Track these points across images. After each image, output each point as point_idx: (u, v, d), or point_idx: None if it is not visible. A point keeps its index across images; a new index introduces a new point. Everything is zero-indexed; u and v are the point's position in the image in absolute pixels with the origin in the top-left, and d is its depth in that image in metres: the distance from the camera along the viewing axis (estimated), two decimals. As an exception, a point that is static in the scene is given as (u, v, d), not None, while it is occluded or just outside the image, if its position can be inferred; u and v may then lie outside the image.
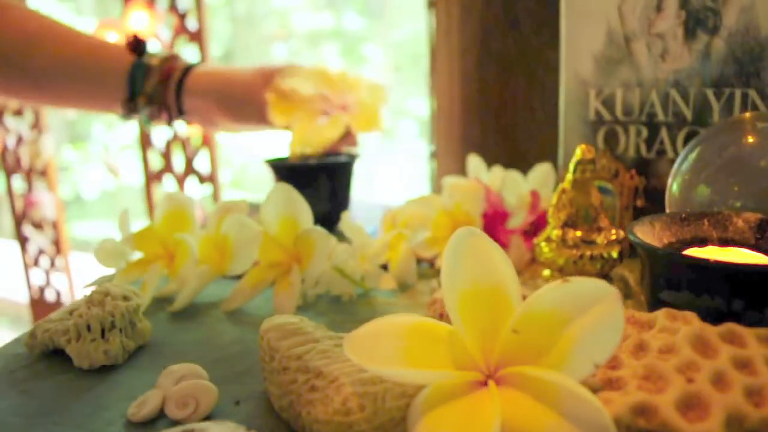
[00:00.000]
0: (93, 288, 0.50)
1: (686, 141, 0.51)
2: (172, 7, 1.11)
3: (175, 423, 0.30)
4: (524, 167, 0.63)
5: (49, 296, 1.57)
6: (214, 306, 0.46)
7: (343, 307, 0.44)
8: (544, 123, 0.72)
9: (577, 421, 0.24)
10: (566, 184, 0.45)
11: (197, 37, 1.12)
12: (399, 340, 0.27)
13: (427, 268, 0.51)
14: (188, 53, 1.17)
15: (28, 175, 1.48)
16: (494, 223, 0.52)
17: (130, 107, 0.63)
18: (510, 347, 0.26)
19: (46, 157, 1.43)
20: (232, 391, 0.33)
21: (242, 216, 0.44)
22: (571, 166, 0.45)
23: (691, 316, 0.28)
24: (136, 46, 0.62)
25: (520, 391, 0.25)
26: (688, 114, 0.50)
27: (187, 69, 0.63)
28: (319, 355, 0.28)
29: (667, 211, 0.45)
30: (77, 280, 1.55)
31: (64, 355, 0.38)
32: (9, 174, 1.52)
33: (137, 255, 0.48)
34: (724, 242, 0.36)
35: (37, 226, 1.52)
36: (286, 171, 0.59)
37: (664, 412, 0.24)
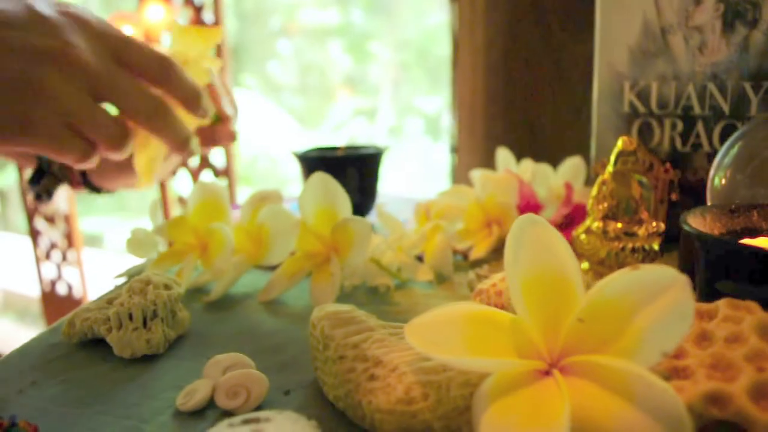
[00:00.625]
0: (123, 279, 0.49)
1: (723, 135, 0.50)
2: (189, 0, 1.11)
3: (226, 413, 0.30)
4: (549, 162, 0.62)
5: (61, 290, 1.57)
6: (249, 296, 0.45)
7: (382, 298, 0.43)
8: (570, 117, 0.72)
9: (650, 410, 0.23)
10: (606, 175, 0.44)
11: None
12: (461, 328, 0.26)
13: (461, 260, 0.51)
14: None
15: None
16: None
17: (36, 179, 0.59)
18: (574, 336, 0.26)
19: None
20: (279, 381, 0.33)
21: (279, 206, 0.43)
22: (612, 158, 0.44)
23: (754, 305, 0.28)
24: None
25: (586, 380, 0.25)
26: (726, 107, 0.50)
27: None
28: (376, 343, 0.28)
29: (709, 204, 0.45)
30: (89, 273, 1.55)
31: (103, 345, 0.38)
32: (21, 168, 1.52)
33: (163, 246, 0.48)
34: (774, 234, 0.36)
35: (49, 220, 1.52)
36: (314, 163, 0.59)
37: (738, 400, 0.23)
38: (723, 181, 0.43)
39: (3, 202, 2.73)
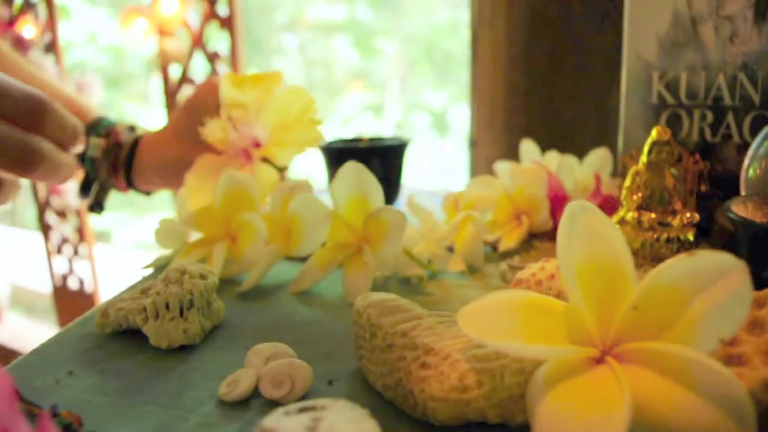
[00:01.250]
0: (149, 270, 0.49)
1: (753, 125, 0.50)
2: (203, -8, 1.10)
3: (271, 402, 0.30)
4: (570, 154, 0.61)
5: (72, 284, 1.57)
6: (279, 287, 0.45)
7: (414, 289, 0.43)
8: (592, 110, 0.71)
9: (711, 396, 0.23)
10: (641, 166, 0.44)
11: (228, 23, 1.11)
12: (514, 314, 0.26)
13: (490, 251, 0.51)
14: (218, 40, 1.17)
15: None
16: (556, 206, 0.51)
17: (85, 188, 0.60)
18: (628, 324, 0.26)
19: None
20: (320, 370, 0.32)
21: (311, 195, 0.43)
22: (646, 148, 0.44)
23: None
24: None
25: (642, 367, 0.25)
26: (756, 98, 0.49)
27: (132, 150, 0.58)
28: (425, 331, 0.28)
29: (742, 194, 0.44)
30: (100, 268, 1.55)
31: (137, 335, 0.37)
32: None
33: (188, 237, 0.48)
34: (816, 224, 0.36)
35: (60, 214, 1.52)
36: (338, 154, 0.59)
37: (801, 389, 0.23)
38: (758, 172, 0.43)
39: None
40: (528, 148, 0.61)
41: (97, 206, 0.60)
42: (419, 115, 3.33)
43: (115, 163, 0.58)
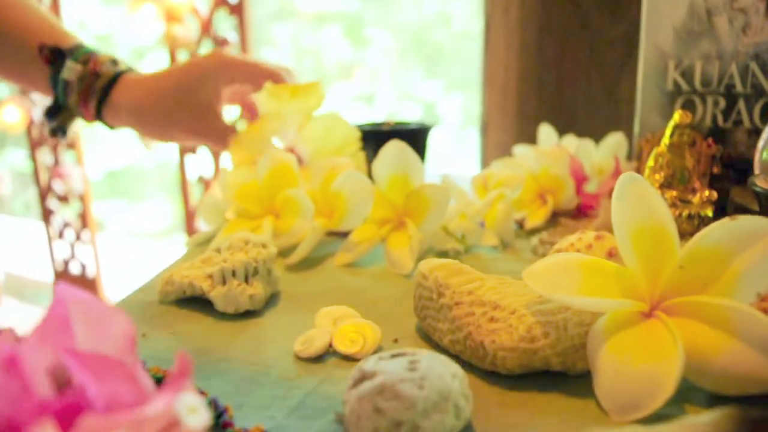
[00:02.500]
0: (187, 247, 0.52)
1: (763, 111, 0.53)
2: (211, -22, 1.11)
3: (345, 358, 0.32)
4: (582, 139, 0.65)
5: (74, 269, 1.58)
6: (322, 260, 0.48)
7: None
8: (602, 96, 0.74)
9: (753, 341, 0.26)
10: (663, 147, 0.47)
11: (237, 9, 1.13)
12: (574, 273, 0.29)
13: (517, 229, 0.53)
14: (227, 27, 1.18)
15: (55, 148, 1.48)
16: (578, 186, 0.55)
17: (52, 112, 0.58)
18: (675, 282, 0.29)
19: (76, 129, 1.43)
20: (382, 331, 0.35)
21: (355, 172, 0.46)
22: (668, 131, 0.47)
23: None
24: (51, 58, 0.56)
25: (688, 319, 0.28)
26: (767, 85, 0.53)
27: (111, 82, 0.57)
28: (490, 290, 0.31)
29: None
30: (103, 253, 1.56)
31: (199, 302, 0.40)
32: (34, 147, 1.52)
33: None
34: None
35: (63, 199, 1.52)
36: (364, 137, 0.61)
37: (831, 334, 0.26)
38: (771, 154, 0.46)
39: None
40: (546, 132, 0.64)
41: (60, 131, 0.59)
42: (410, 106, 3.35)
43: (88, 91, 0.56)
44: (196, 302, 0.40)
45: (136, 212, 2.71)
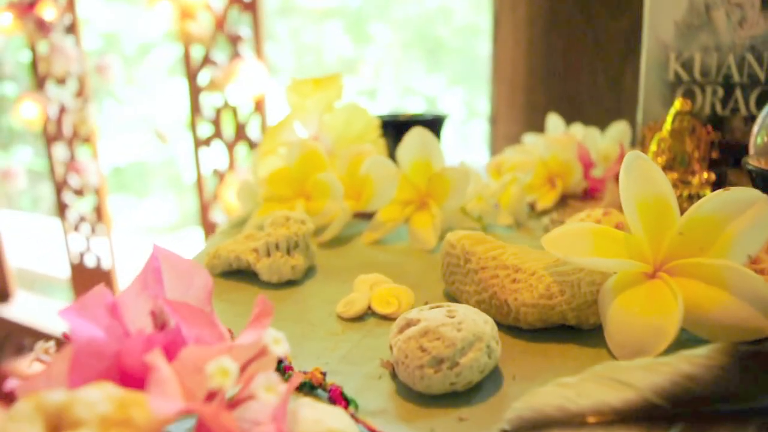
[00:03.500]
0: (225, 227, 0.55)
1: (759, 100, 0.57)
2: (226, -24, 1.15)
3: (382, 318, 0.36)
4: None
5: (89, 262, 1.62)
6: (348, 238, 0.52)
7: (472, 239, 0.50)
8: (606, 88, 0.78)
9: (744, 296, 0.30)
10: (665, 133, 0.51)
11: (251, 6, 1.17)
12: (587, 239, 0.33)
13: (529, 211, 0.57)
14: (241, 24, 1.22)
15: (71, 143, 1.52)
16: (585, 171, 0.58)
17: None
18: (675, 246, 0.33)
19: (91, 124, 1.47)
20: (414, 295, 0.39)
21: (382, 157, 0.49)
22: (670, 118, 0.51)
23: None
24: None
25: (688, 278, 0.32)
26: (762, 75, 0.57)
27: None
28: (512, 256, 0.34)
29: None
30: (117, 245, 1.60)
31: (243, 275, 0.44)
32: (49, 142, 1.56)
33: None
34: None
35: (78, 193, 1.56)
36: (387, 126, 0.65)
37: (811, 289, 0.30)
38: (765, 139, 0.50)
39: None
40: (554, 121, 0.68)
41: None
42: (413, 100, 3.38)
43: None
44: (240, 275, 0.44)
45: (143, 208, 2.75)
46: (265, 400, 0.21)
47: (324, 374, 0.28)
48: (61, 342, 0.28)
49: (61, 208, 1.62)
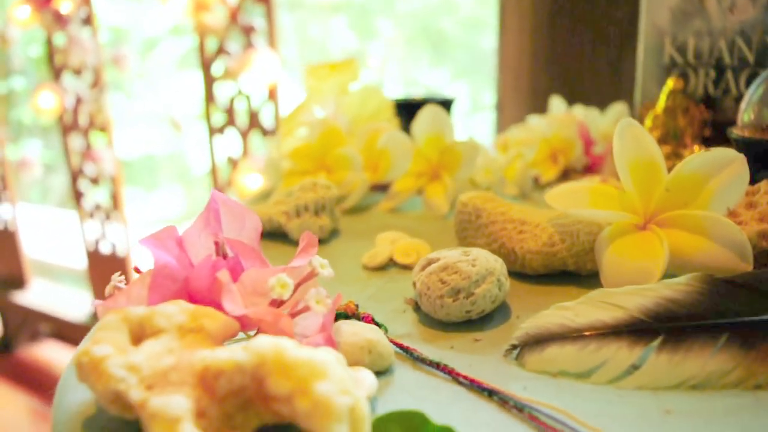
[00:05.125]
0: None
1: (748, 81, 0.61)
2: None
3: (402, 267, 0.41)
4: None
5: (105, 249, 1.67)
6: (366, 207, 0.56)
7: (481, 206, 0.54)
8: (607, 73, 0.83)
9: (723, 242, 0.34)
10: (659, 110, 0.55)
11: (265, -1, 1.21)
12: (585, 195, 0.37)
13: (532, 185, 0.62)
14: (255, 16, 1.26)
15: (86, 132, 1.56)
16: (587, 148, 0.63)
17: None
18: (662, 201, 0.37)
19: (107, 114, 1.52)
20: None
21: (398, 132, 0.54)
22: (663, 96, 0.55)
23: (786, 184, 0.39)
24: None
25: (674, 229, 0.36)
26: (751, 58, 0.61)
27: None
28: (518, 212, 0.39)
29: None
30: (133, 232, 1.65)
31: (273, 236, 0.48)
32: (65, 132, 1.61)
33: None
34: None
35: (94, 181, 1.61)
36: (401, 107, 0.69)
37: (781, 236, 0.35)
38: (752, 116, 0.54)
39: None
40: (556, 103, 0.72)
41: None
42: (417, 92, 3.41)
43: None
44: (270, 236, 0.49)
45: (152, 200, 2.80)
46: (317, 310, 0.26)
47: (357, 306, 0.33)
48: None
49: (77, 197, 1.67)
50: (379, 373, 0.27)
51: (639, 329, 0.28)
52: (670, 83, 0.54)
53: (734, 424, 0.24)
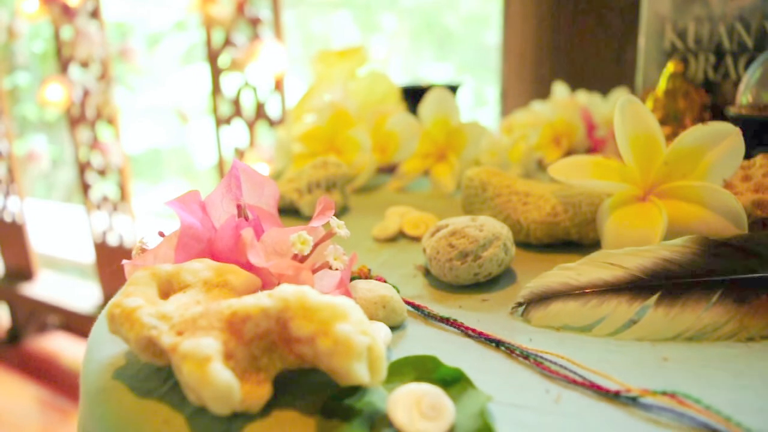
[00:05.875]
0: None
1: (747, 65, 0.63)
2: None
3: (411, 239, 0.42)
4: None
5: (112, 240, 1.69)
6: (375, 187, 0.58)
7: (486, 186, 0.56)
8: (610, 60, 0.84)
9: (719, 210, 0.36)
10: (659, 93, 0.56)
11: (272, -9, 1.23)
12: (587, 168, 0.39)
13: (536, 167, 0.63)
14: (261, 8, 1.27)
15: (93, 124, 1.58)
16: (589, 131, 0.64)
17: None
18: (661, 173, 0.38)
19: (114, 106, 1.53)
20: (435, 227, 0.45)
21: (405, 115, 0.55)
22: (663, 79, 0.56)
23: (781, 158, 0.41)
24: None
25: (673, 199, 0.38)
26: (750, 43, 0.62)
27: None
28: (522, 185, 0.40)
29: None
30: (140, 223, 1.66)
31: (285, 213, 0.50)
32: (73, 124, 1.63)
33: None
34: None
35: (101, 173, 1.63)
36: (409, 92, 0.71)
37: (775, 204, 0.36)
38: (750, 98, 0.56)
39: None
40: (560, 88, 0.73)
41: None
42: (422, 88, 3.42)
43: None
44: (283, 213, 0.50)
45: (157, 194, 2.83)
46: (335, 265, 0.28)
47: (369, 270, 0.34)
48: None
49: (84, 189, 1.69)
50: (392, 328, 0.29)
51: (638, 286, 0.30)
52: (671, 66, 0.56)
53: (727, 370, 0.26)
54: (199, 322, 0.25)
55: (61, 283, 2.00)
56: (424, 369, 0.25)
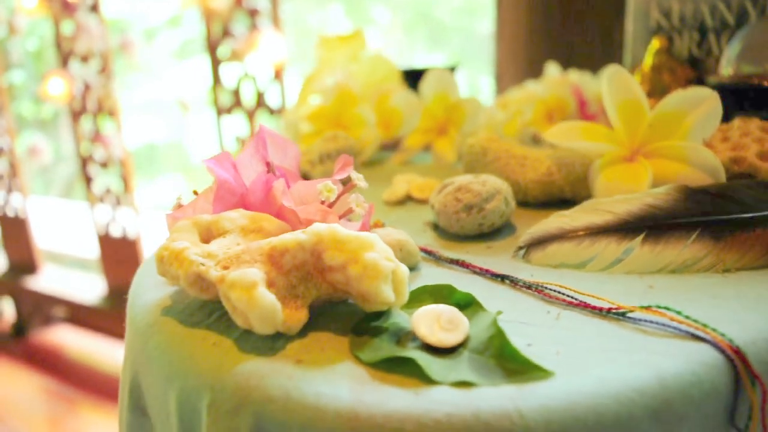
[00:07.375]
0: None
1: (729, 41, 0.66)
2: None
3: (419, 202, 0.46)
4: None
5: (115, 232, 1.72)
6: (380, 160, 0.61)
7: (485, 158, 0.59)
8: (599, 41, 0.88)
9: (699, 166, 0.39)
10: (646, 68, 0.60)
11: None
12: (578, 132, 0.42)
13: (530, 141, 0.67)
14: (260, -2, 1.30)
15: (95, 118, 1.61)
16: (581, 108, 0.68)
17: None
18: (646, 135, 0.42)
19: (115, 99, 1.56)
20: (439, 192, 0.48)
21: (407, 92, 0.59)
22: (649, 55, 0.60)
23: (755, 118, 0.44)
24: None
25: (658, 158, 0.41)
26: (731, 20, 0.66)
27: None
28: (520, 149, 0.44)
29: (719, 87, 0.60)
30: (144, 215, 1.69)
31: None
32: (74, 118, 1.65)
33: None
34: None
35: (103, 165, 1.66)
36: (409, 74, 0.74)
37: (750, 159, 0.40)
38: (730, 71, 0.59)
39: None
40: (552, 68, 0.77)
41: None
42: (416, 80, 3.44)
43: None
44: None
45: (154, 188, 2.85)
46: (358, 211, 0.31)
47: (384, 224, 0.38)
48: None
49: (86, 181, 1.71)
50: (408, 269, 0.33)
51: (625, 228, 0.33)
52: (656, 43, 0.59)
53: (706, 293, 0.29)
54: (243, 257, 0.28)
55: (65, 276, 2.02)
56: (440, 295, 0.28)
